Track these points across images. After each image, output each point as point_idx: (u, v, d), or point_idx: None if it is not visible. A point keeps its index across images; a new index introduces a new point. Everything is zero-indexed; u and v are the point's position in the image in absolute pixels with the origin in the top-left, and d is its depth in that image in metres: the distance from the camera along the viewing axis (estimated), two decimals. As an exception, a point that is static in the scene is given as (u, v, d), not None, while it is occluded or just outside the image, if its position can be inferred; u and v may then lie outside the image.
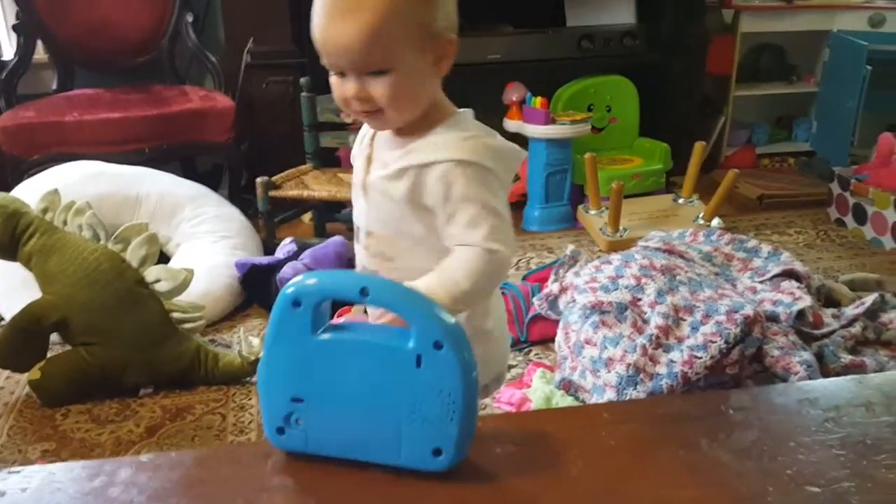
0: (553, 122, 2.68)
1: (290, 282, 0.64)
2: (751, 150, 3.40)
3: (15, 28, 2.70)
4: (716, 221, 2.69)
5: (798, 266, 1.89)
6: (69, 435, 1.64)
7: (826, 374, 1.62)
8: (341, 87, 0.87)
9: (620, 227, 2.61)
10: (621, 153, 3.05)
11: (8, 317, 1.92)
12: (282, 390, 0.66)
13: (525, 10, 3.03)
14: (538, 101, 2.68)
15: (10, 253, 1.75)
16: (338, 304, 0.72)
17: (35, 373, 1.72)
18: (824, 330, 1.71)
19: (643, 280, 1.80)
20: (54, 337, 1.79)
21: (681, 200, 2.82)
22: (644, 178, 2.93)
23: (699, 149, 2.73)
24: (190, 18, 2.86)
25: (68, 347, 1.79)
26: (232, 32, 2.87)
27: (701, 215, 2.71)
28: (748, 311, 1.66)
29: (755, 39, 3.36)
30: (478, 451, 0.67)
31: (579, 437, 0.69)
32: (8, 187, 2.23)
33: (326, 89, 1.08)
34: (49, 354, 1.77)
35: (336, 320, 0.72)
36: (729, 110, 3.30)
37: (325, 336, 0.65)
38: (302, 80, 2.56)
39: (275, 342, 0.65)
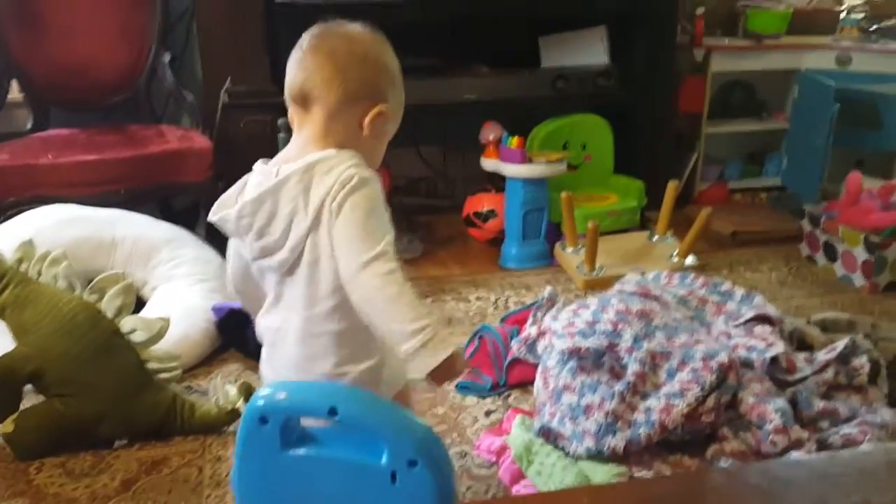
0: (529, 161, 2.71)
1: (259, 394, 0.64)
2: (723, 186, 3.45)
3: (-11, 69, 2.68)
4: (690, 259, 2.73)
5: (771, 310, 1.92)
6: (43, 490, 1.61)
7: (800, 420, 1.64)
8: None
9: (597, 266, 2.63)
10: (597, 190, 3.09)
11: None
12: (255, 502, 0.66)
13: (500, 50, 3.07)
14: (514, 141, 2.71)
15: (-16, 304, 1.73)
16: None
17: (8, 425, 1.69)
18: (797, 376, 1.74)
19: (620, 325, 1.82)
20: (28, 387, 1.77)
21: (656, 238, 2.86)
22: (619, 215, 2.96)
23: (672, 188, 2.78)
24: (167, 58, 2.86)
25: (42, 398, 1.77)
26: (209, 71, 2.86)
27: (675, 252, 2.75)
28: (723, 357, 1.68)
29: (725, 77, 3.43)
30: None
31: (560, 523, 0.70)
32: (-19, 231, 2.21)
33: None
34: (23, 405, 1.75)
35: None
36: (701, 146, 3.35)
37: (295, 452, 0.65)
38: (280, 120, 2.57)
39: (243, 457, 0.65)
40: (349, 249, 1.05)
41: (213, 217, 1.20)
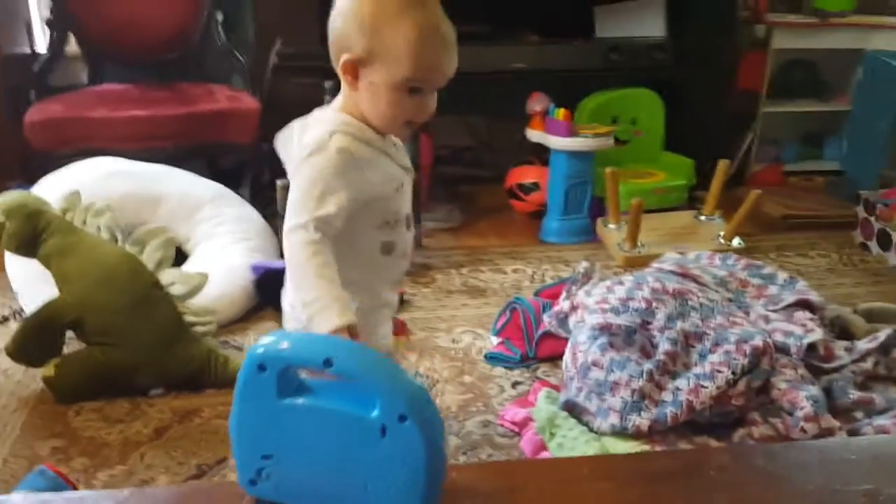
0: (575, 134, 2.67)
1: (260, 342, 0.65)
2: (778, 168, 3.35)
3: (48, 22, 2.75)
4: (736, 241, 2.66)
5: (813, 296, 1.86)
6: (79, 433, 1.67)
7: (834, 409, 1.60)
8: (415, 101, 1.12)
9: (639, 243, 2.59)
10: (645, 167, 3.03)
11: (28, 311, 1.97)
12: (252, 447, 0.67)
13: (553, 18, 3.01)
14: (561, 113, 2.67)
15: (31, 251, 1.78)
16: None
17: (50, 369, 1.76)
18: (834, 364, 1.69)
19: (654, 304, 1.79)
20: (70, 333, 1.83)
21: (702, 218, 2.80)
22: (666, 193, 2.90)
23: (723, 166, 2.71)
24: (220, 17, 2.89)
25: (82, 345, 1.83)
26: (261, 33, 2.89)
27: (721, 234, 2.69)
28: (758, 341, 1.64)
29: (787, 55, 3.31)
30: (450, 503, 0.67)
31: (556, 492, 0.69)
32: (35, 181, 2.28)
33: None
34: (65, 351, 1.81)
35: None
36: (757, 126, 3.25)
37: (291, 401, 0.66)
38: (327, 83, 2.58)
39: (242, 401, 0.67)
40: (287, 212, 1.09)
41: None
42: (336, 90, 2.79)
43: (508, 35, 3.02)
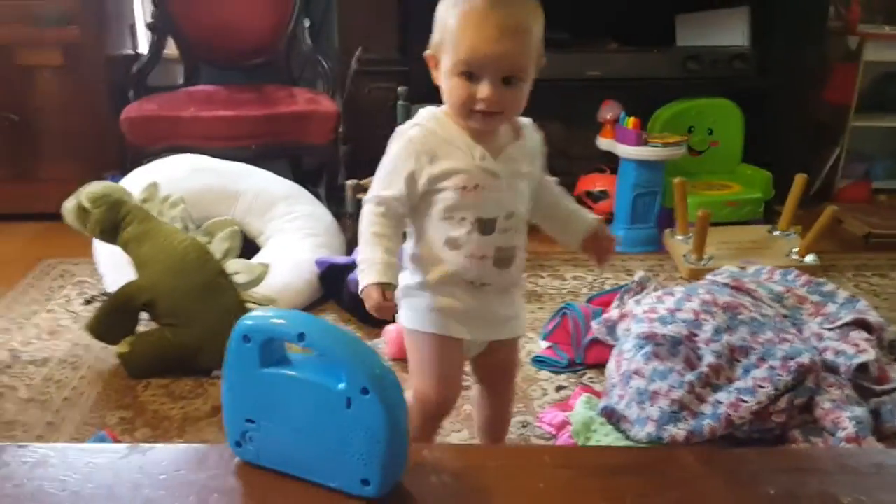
0: (645, 143, 2.65)
1: (250, 314, 0.73)
2: (866, 185, 3.22)
3: (149, 26, 2.96)
4: (811, 257, 2.58)
5: (872, 316, 1.80)
6: (145, 406, 1.81)
7: (881, 433, 1.55)
8: (471, 88, 1.12)
9: (706, 255, 2.55)
10: (720, 178, 2.97)
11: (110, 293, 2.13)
12: (238, 411, 0.75)
13: (633, 27, 3.00)
14: (631, 122, 2.66)
15: (112, 237, 1.94)
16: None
17: (124, 346, 1.90)
18: (887, 386, 1.63)
19: (702, 316, 1.77)
20: (144, 315, 1.98)
21: (777, 232, 2.72)
22: (740, 205, 2.84)
23: (799, 180, 2.63)
24: (307, 24, 3.04)
25: (155, 326, 1.97)
26: (345, 39, 3.01)
27: (796, 250, 2.61)
28: (804, 359, 1.61)
29: (880, 68, 3.17)
30: (415, 477, 0.72)
31: (515, 475, 0.73)
32: (126, 172, 2.46)
33: (422, 99, 1.25)
34: (139, 330, 1.96)
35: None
36: (845, 141, 3.13)
37: (272, 371, 0.73)
38: (400, 88, 2.67)
39: (230, 369, 0.74)
40: None
41: None
42: (407, 95, 2.87)
43: (587, 42, 3.02)
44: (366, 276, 1.13)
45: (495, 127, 1.18)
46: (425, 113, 1.21)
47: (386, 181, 1.17)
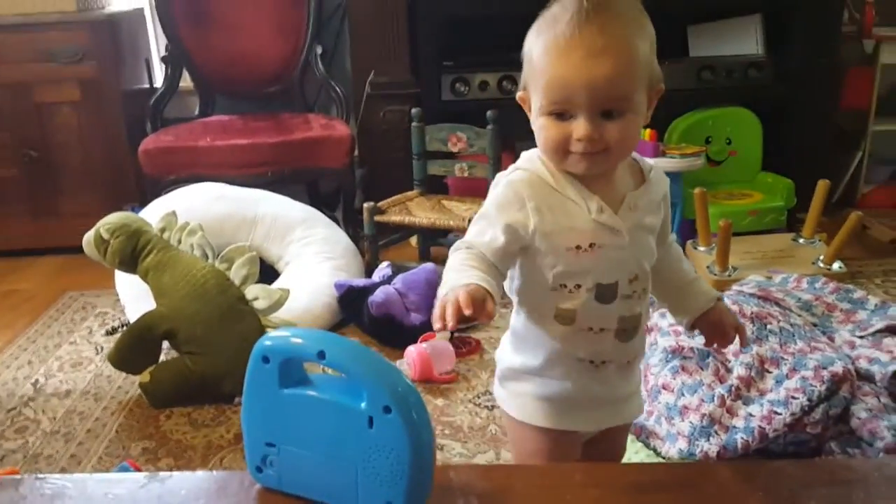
0: (662, 154, 2.63)
1: (268, 335, 0.71)
2: (891, 189, 3.16)
3: (164, 59, 2.99)
4: (837, 265, 2.53)
5: (905, 322, 1.75)
6: (168, 436, 1.80)
7: (921, 442, 1.50)
8: (564, 128, 0.91)
9: (730, 266, 2.51)
10: (740, 188, 2.93)
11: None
12: (257, 435, 0.73)
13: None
14: (647, 133, 2.63)
15: (132, 267, 1.95)
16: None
17: (145, 376, 1.90)
18: (925, 394, 1.58)
19: (729, 326, 1.73)
20: (165, 344, 1.97)
21: (801, 241, 2.67)
22: (762, 214, 2.80)
23: (822, 187, 2.58)
24: (319, 51, 3.05)
25: (176, 355, 1.96)
26: (357, 64, 3.02)
27: (821, 257, 2.56)
28: (837, 367, 1.57)
29: (899, 71, 3.14)
30: (441, 500, 0.70)
31: (544, 495, 0.71)
32: (145, 203, 2.48)
33: (435, 119, 1.13)
34: (162, 359, 1.96)
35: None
36: (866, 145, 3.09)
37: (292, 391, 0.71)
38: (413, 110, 2.67)
39: (250, 391, 0.73)
40: None
41: None
42: (422, 117, 2.87)
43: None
44: (443, 287, 0.90)
45: (600, 170, 0.94)
46: (529, 154, 1.00)
47: (479, 229, 0.97)
